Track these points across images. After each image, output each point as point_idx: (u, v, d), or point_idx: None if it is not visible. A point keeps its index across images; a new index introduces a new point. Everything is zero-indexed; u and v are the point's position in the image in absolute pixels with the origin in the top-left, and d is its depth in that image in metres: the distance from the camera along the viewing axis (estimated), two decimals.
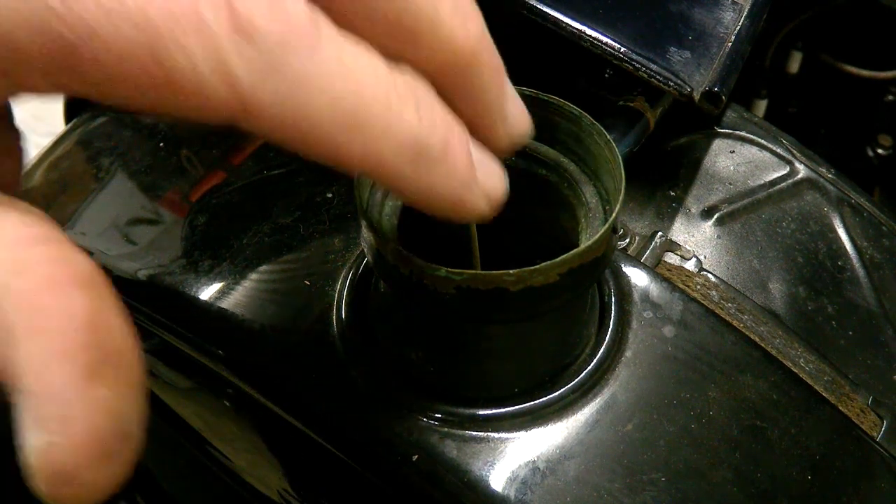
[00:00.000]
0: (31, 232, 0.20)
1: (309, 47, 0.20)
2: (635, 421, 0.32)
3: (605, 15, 0.40)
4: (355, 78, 0.21)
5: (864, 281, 0.44)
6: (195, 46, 0.19)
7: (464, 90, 0.24)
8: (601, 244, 0.28)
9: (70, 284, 0.19)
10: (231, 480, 0.49)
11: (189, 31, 0.19)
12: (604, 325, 0.35)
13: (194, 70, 0.19)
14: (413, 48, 0.23)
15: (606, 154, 0.30)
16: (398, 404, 0.32)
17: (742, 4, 0.43)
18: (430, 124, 0.22)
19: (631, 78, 0.40)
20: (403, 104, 0.21)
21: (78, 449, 0.18)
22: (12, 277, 0.19)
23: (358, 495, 0.36)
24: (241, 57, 0.19)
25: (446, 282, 0.27)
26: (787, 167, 0.47)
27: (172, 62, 0.19)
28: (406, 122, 0.21)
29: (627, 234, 0.41)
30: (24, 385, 0.18)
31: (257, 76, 0.19)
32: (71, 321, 0.19)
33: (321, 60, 0.20)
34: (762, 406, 0.35)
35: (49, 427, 0.18)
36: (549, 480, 0.31)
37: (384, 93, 0.21)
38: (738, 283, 0.41)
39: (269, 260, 0.37)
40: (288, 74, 0.20)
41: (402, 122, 0.21)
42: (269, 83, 0.19)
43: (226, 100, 0.19)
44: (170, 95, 0.19)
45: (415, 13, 0.22)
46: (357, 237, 0.37)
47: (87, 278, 0.20)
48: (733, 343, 0.36)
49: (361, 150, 0.21)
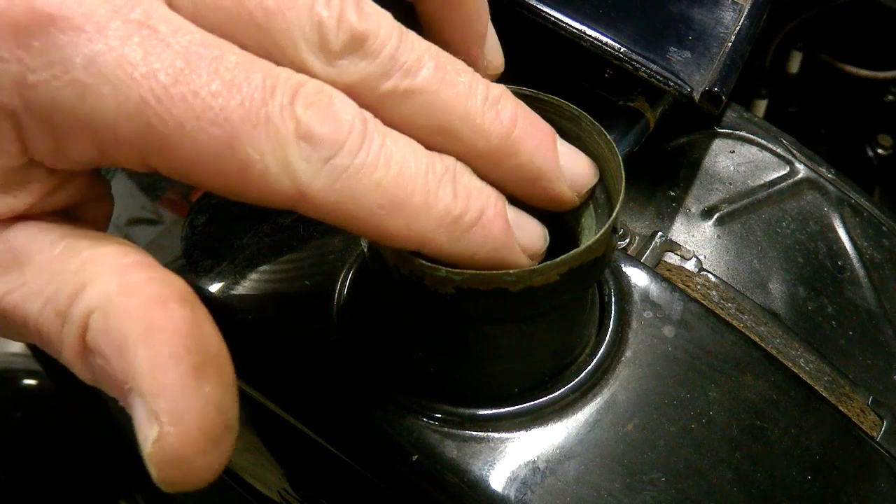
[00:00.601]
0: (130, 260, 0.23)
1: (357, 145, 0.23)
2: (635, 421, 0.32)
3: (605, 15, 0.40)
4: (397, 165, 0.24)
5: (864, 281, 0.44)
6: (266, 147, 0.22)
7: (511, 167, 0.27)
8: (601, 244, 0.28)
9: (172, 300, 0.22)
10: (231, 480, 0.49)
11: (262, 135, 0.22)
12: (604, 325, 0.35)
13: (264, 166, 0.22)
14: (455, 143, 0.26)
15: (607, 154, 0.30)
16: (398, 404, 0.32)
17: (742, 4, 0.43)
18: (464, 199, 0.25)
19: (631, 78, 0.40)
20: (439, 184, 0.25)
21: (190, 437, 0.21)
22: (123, 298, 0.22)
23: (358, 495, 0.36)
24: (301, 156, 0.23)
25: (446, 282, 0.27)
26: (787, 167, 0.47)
27: (246, 158, 0.22)
28: (442, 201, 0.25)
29: (627, 234, 0.41)
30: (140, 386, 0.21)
31: (314, 172, 0.23)
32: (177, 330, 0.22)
33: (367, 154, 0.23)
34: (762, 406, 0.35)
35: (163, 420, 0.21)
36: (549, 480, 0.31)
37: (423, 175, 0.24)
38: (738, 283, 0.41)
39: (269, 260, 0.37)
40: (339, 169, 0.23)
41: (439, 201, 0.25)
42: (324, 176, 0.23)
43: (287, 190, 0.23)
44: (240, 183, 0.23)
45: (449, 114, 0.26)
46: (357, 237, 0.37)
47: (184, 295, 0.23)
48: (733, 343, 0.36)
49: (405, 227, 0.24)
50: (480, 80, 0.27)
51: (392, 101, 0.25)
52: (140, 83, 0.21)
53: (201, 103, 0.21)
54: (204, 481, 0.22)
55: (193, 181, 0.23)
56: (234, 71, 0.22)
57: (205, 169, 0.22)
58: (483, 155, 0.27)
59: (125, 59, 0.21)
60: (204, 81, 0.21)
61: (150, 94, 0.21)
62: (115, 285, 0.22)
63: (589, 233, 0.31)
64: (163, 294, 0.22)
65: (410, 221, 0.24)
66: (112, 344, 0.22)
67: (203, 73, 0.22)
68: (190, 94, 0.21)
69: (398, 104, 0.25)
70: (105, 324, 0.22)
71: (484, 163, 0.27)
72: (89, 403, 0.60)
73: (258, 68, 0.23)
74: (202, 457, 0.22)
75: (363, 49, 0.24)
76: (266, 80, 0.22)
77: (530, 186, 0.28)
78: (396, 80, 0.25)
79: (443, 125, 0.26)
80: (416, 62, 0.25)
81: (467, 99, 0.26)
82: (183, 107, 0.21)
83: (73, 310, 0.22)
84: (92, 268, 0.23)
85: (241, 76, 0.22)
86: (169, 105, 0.21)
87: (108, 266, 0.23)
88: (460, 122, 0.26)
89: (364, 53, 0.24)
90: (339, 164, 0.23)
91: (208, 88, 0.21)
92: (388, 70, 0.25)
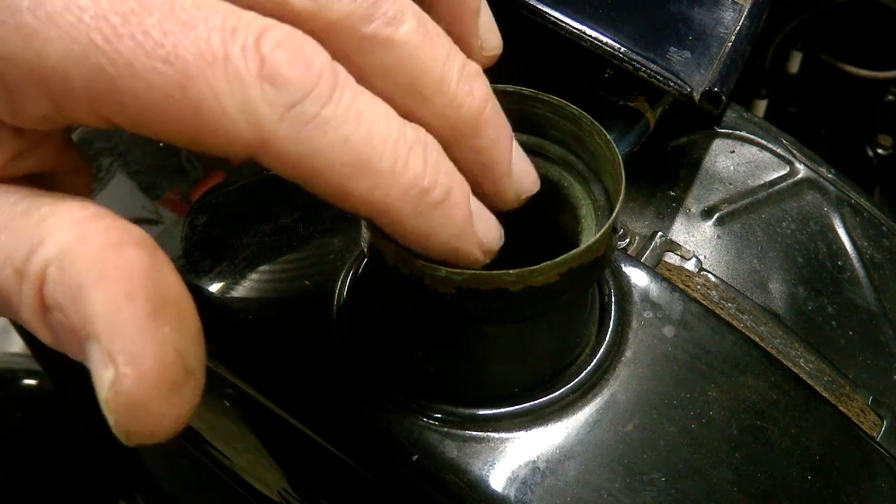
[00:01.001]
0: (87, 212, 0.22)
1: (327, 94, 0.22)
2: (635, 421, 0.32)
3: (605, 15, 0.40)
4: (367, 123, 0.23)
5: (864, 281, 0.44)
6: (224, 87, 0.21)
7: (470, 147, 0.26)
8: (601, 244, 0.28)
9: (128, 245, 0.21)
10: (231, 480, 0.49)
11: (219, 74, 0.21)
12: (604, 325, 0.35)
13: (222, 109, 0.21)
14: (423, 107, 0.25)
15: (607, 154, 0.30)
16: (398, 404, 0.32)
17: (742, 4, 0.43)
18: (434, 172, 0.24)
19: (631, 78, 0.40)
20: (410, 152, 0.23)
21: (147, 379, 0.20)
22: (78, 245, 0.21)
23: (358, 495, 0.36)
24: (265, 100, 0.21)
25: (446, 282, 0.27)
26: (787, 167, 0.47)
27: (202, 100, 0.21)
28: (411, 169, 0.23)
29: (627, 234, 0.41)
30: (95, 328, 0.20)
31: (278, 118, 0.21)
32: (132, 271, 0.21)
33: (337, 105, 0.22)
34: (762, 406, 0.35)
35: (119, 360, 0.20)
36: (549, 480, 0.31)
37: (394, 139, 0.23)
38: (738, 283, 0.41)
39: (269, 260, 0.37)
40: (305, 117, 0.22)
41: (407, 168, 0.23)
42: (288, 124, 0.22)
43: (247, 137, 0.21)
44: (197, 130, 0.21)
45: (424, 74, 0.25)
46: (357, 237, 0.37)
47: (142, 240, 0.22)
48: (733, 343, 0.36)
49: (368, 191, 0.23)
50: (459, 52, 0.26)
51: (369, 48, 0.24)
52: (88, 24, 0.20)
53: (152, 42, 0.20)
54: (164, 432, 0.21)
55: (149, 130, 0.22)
56: (189, 10, 0.21)
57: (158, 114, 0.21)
58: (449, 126, 0.26)
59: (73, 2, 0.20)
60: (156, 21, 0.21)
61: (98, 35, 0.20)
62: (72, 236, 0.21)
63: (589, 233, 0.31)
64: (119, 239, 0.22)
65: (376, 185, 0.23)
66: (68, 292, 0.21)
67: (156, 12, 0.21)
68: (140, 33, 0.20)
69: (374, 53, 0.24)
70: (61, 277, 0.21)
71: (447, 136, 0.26)
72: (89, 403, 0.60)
73: (218, 9, 0.21)
74: (161, 403, 0.21)
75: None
76: (227, 21, 0.21)
77: (482, 175, 0.27)
78: (378, 26, 0.24)
79: (415, 85, 0.25)
80: (399, 13, 0.24)
81: (444, 63, 0.25)
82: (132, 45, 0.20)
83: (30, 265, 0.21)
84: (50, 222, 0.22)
85: (198, 16, 0.21)
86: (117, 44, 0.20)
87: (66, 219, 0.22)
88: (434, 86, 0.25)
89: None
90: (306, 112, 0.22)
91: (160, 28, 0.21)
92: (370, 14, 0.24)
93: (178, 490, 0.63)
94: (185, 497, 0.63)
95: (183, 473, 0.59)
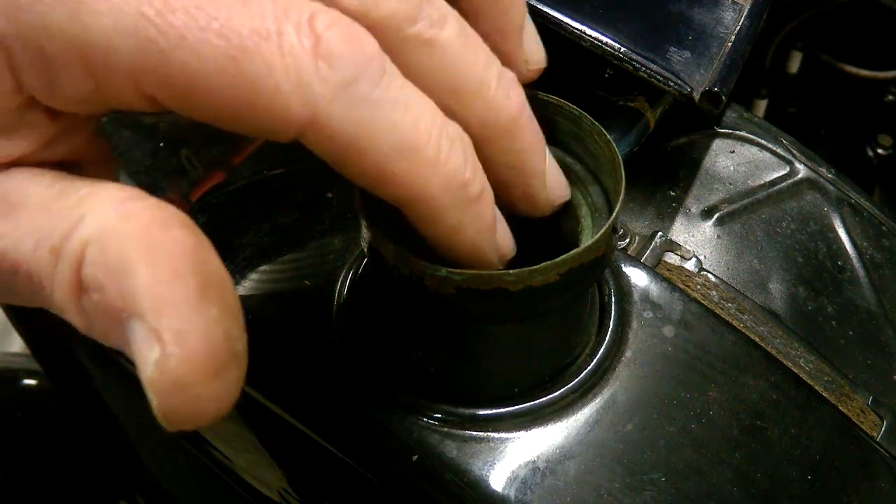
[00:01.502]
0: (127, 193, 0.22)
1: (378, 76, 0.22)
2: (635, 421, 0.32)
3: (605, 15, 0.40)
4: (414, 111, 0.23)
5: (864, 281, 0.44)
6: (278, 62, 0.20)
7: (506, 150, 0.27)
8: (601, 244, 0.28)
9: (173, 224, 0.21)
10: (231, 480, 0.49)
11: (273, 48, 0.20)
12: (604, 325, 0.35)
13: (275, 84, 0.21)
14: (463, 108, 0.25)
15: (607, 154, 0.30)
16: (398, 404, 0.32)
17: (742, 4, 0.43)
18: (473, 168, 0.24)
19: (631, 78, 0.40)
20: (452, 145, 0.24)
21: (193, 359, 0.20)
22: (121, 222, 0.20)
23: (358, 495, 0.36)
24: (319, 77, 0.21)
25: (446, 282, 0.27)
26: (787, 167, 0.47)
27: (255, 73, 0.20)
28: (453, 161, 0.24)
29: (627, 234, 0.41)
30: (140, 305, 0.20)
31: (331, 96, 0.21)
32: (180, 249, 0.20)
33: (388, 89, 0.22)
34: (762, 406, 0.35)
35: (166, 339, 0.19)
36: (549, 480, 0.31)
37: (438, 131, 0.23)
38: (738, 283, 0.41)
39: (269, 260, 0.37)
40: (358, 97, 0.21)
41: (449, 160, 0.24)
42: (341, 103, 0.21)
43: (297, 115, 0.21)
44: (247, 106, 0.21)
45: (465, 76, 0.25)
46: (357, 237, 0.37)
47: (187, 221, 0.22)
48: (733, 343, 0.36)
49: (410, 177, 0.23)
50: (497, 60, 0.26)
51: (413, 48, 0.24)
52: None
53: (205, 15, 0.20)
54: (208, 416, 0.20)
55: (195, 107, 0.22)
56: None
57: (208, 89, 0.21)
58: (486, 128, 0.26)
59: None
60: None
61: (149, 8, 0.20)
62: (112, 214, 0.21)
63: (589, 233, 0.31)
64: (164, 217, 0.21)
65: (419, 172, 0.23)
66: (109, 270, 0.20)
67: None
68: (193, 7, 0.20)
69: (419, 53, 0.24)
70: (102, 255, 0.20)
71: (483, 138, 0.26)
72: (89, 403, 0.60)
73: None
74: (208, 385, 0.20)
75: None
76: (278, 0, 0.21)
77: (514, 178, 0.28)
78: (423, 27, 0.24)
79: (457, 87, 0.25)
80: (442, 17, 0.24)
81: (484, 69, 0.25)
82: (185, 18, 0.20)
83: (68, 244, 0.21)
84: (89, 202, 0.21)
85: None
86: (170, 17, 0.20)
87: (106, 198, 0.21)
88: (474, 89, 0.25)
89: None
90: (359, 92, 0.21)
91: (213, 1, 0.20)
92: (415, 15, 0.24)
93: (178, 490, 0.63)
94: (185, 497, 0.63)
95: (183, 473, 0.59)
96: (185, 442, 0.49)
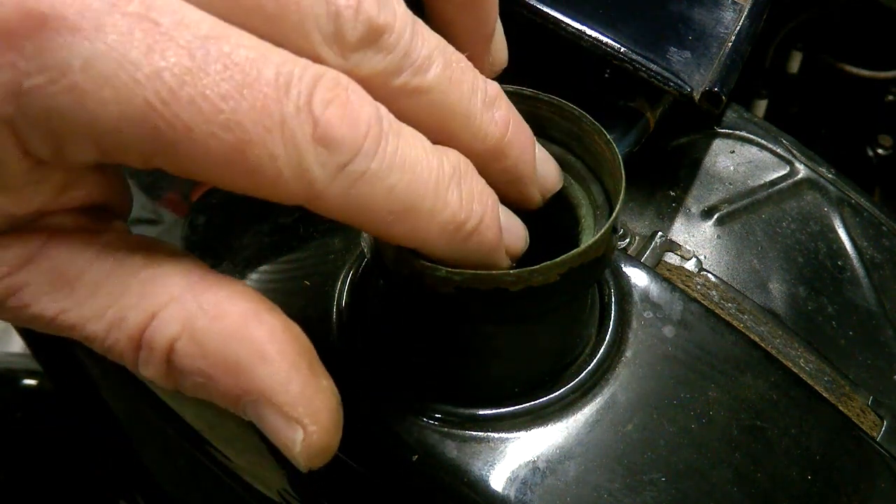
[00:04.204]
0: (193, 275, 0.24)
1: (374, 148, 0.23)
2: (635, 421, 0.32)
3: (605, 15, 0.40)
4: (411, 168, 0.24)
5: (864, 281, 0.44)
6: (281, 152, 0.21)
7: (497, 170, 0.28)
8: (601, 244, 0.28)
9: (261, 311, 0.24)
10: (231, 480, 0.49)
11: (276, 139, 0.21)
12: (604, 325, 0.35)
13: (278, 171, 0.22)
14: (452, 141, 0.26)
15: (607, 154, 0.30)
16: (398, 404, 0.32)
17: (742, 4, 0.43)
18: (468, 203, 0.25)
19: (631, 78, 0.40)
20: (447, 188, 0.25)
21: (329, 428, 0.24)
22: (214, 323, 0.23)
23: (358, 495, 0.36)
24: (318, 162, 0.22)
25: (446, 282, 0.27)
26: (787, 167, 0.47)
27: (258, 162, 0.21)
28: (450, 206, 0.25)
29: (627, 234, 0.41)
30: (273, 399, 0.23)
31: (330, 179, 0.22)
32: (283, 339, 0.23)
33: (383, 158, 0.23)
34: (762, 406, 0.35)
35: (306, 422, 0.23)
36: (549, 480, 0.31)
37: (435, 177, 0.24)
38: (738, 283, 0.41)
39: (269, 260, 0.37)
40: (355, 175, 0.23)
41: (446, 207, 0.25)
42: (339, 182, 0.22)
43: (298, 194, 0.22)
44: (250, 186, 0.22)
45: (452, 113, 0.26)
46: (357, 237, 0.37)
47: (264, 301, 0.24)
48: (733, 343, 0.36)
49: (410, 231, 0.24)
50: (480, 79, 0.27)
51: (400, 97, 0.25)
52: (144, 86, 0.20)
53: (211, 107, 0.20)
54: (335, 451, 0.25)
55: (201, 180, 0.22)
56: (245, 67, 0.21)
57: (214, 172, 0.22)
58: (475, 154, 0.27)
59: (126, 60, 0.20)
60: (213, 81, 0.20)
61: (155, 98, 0.20)
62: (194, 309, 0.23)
63: (589, 233, 0.31)
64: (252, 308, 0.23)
65: (417, 226, 0.24)
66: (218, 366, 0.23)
67: (211, 71, 0.20)
68: (199, 97, 0.20)
69: (405, 100, 0.25)
70: (199, 349, 0.23)
71: (475, 162, 0.27)
72: (89, 403, 0.60)
73: (271, 61, 0.21)
74: (335, 441, 0.24)
75: (379, 43, 0.23)
76: (279, 76, 0.21)
77: (508, 188, 0.29)
78: (407, 77, 0.24)
79: (444, 125, 0.26)
80: (426, 59, 0.25)
81: (470, 100, 0.26)
82: (191, 110, 0.20)
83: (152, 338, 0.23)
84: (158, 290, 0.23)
85: (252, 73, 0.21)
86: (177, 109, 0.20)
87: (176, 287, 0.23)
88: (461, 123, 0.26)
89: (379, 48, 0.23)
90: (356, 170, 0.22)
91: (218, 90, 0.20)
92: (400, 66, 0.24)
93: (178, 490, 0.63)
94: (185, 497, 0.63)
95: (183, 473, 0.59)
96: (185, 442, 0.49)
